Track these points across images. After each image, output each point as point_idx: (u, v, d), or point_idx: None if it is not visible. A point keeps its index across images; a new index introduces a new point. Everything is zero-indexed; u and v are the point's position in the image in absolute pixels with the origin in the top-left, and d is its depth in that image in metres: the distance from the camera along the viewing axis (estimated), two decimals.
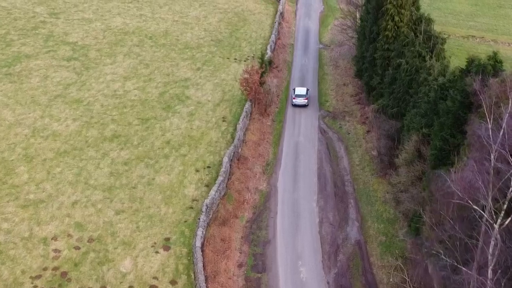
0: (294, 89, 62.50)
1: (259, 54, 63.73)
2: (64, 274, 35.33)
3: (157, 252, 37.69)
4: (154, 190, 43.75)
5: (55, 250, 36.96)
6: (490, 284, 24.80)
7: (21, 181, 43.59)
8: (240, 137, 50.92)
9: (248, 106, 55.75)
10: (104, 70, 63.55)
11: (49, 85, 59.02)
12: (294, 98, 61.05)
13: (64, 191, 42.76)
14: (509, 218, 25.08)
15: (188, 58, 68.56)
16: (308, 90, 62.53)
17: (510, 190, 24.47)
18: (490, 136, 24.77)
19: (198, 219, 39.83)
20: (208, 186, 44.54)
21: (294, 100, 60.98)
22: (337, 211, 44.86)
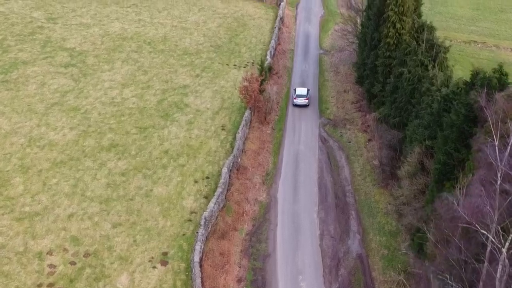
0: (295, 89, 63.57)
1: (259, 61, 63.01)
2: None
3: (154, 267, 36.87)
4: (152, 202, 42.95)
5: (50, 266, 36.13)
6: None
7: (16, 192, 42.78)
8: (239, 146, 50.13)
9: (247, 114, 54.97)
10: (102, 76, 62.76)
11: (46, 92, 58.23)
12: (295, 98, 62.05)
13: (60, 203, 41.95)
14: None
15: (187, 65, 67.77)
16: (308, 90, 63.45)
17: None
18: (497, 155, 23.96)
19: (197, 233, 39.02)
20: (207, 198, 43.75)
21: (295, 100, 61.94)
22: (338, 223, 44.08)
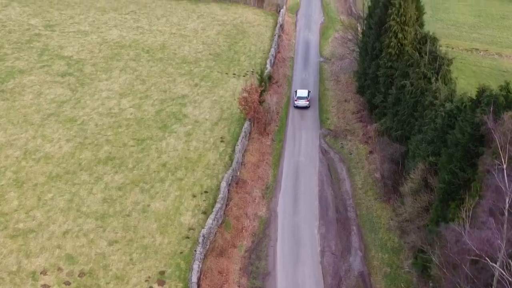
0: (296, 91, 64.06)
1: (259, 70, 62.09)
2: None
3: (151, 287, 35.92)
4: (149, 218, 42.00)
5: (44, 286, 35.12)
6: None
7: (10, 208, 41.83)
8: (238, 159, 49.20)
9: (247, 126, 54.05)
10: (99, 86, 61.86)
11: (42, 102, 57.32)
12: (296, 100, 62.65)
13: (55, 220, 41.00)
14: None
15: (185, 73, 66.86)
16: (309, 92, 63.84)
17: None
18: (506, 181, 23.06)
19: (195, 251, 38.06)
20: (205, 213, 42.80)
21: (296, 102, 62.63)
22: (339, 239, 43.14)
